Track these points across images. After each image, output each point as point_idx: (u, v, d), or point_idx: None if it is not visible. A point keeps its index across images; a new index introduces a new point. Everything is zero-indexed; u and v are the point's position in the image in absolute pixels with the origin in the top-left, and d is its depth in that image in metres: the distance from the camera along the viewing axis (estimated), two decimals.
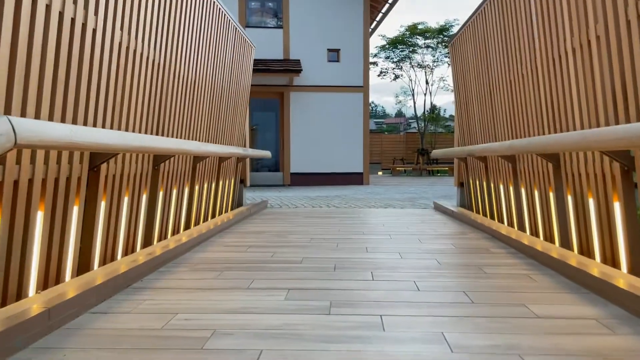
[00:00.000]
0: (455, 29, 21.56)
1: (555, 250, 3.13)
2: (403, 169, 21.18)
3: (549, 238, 3.77)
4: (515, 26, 4.16)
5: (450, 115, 38.77)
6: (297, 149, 13.07)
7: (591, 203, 3.09)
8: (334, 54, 13.21)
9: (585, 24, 3.03)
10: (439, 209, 6.76)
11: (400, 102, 26.41)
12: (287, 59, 12.94)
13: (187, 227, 4.49)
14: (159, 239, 3.90)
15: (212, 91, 5.05)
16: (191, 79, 4.41)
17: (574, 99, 3.22)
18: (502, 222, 4.89)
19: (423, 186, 12.99)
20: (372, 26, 17.66)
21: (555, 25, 3.41)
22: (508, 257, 3.35)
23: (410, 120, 44.66)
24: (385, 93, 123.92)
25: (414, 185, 13.49)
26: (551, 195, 3.67)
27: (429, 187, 12.65)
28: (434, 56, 21.94)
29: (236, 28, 5.83)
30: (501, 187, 4.83)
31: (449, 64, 22.30)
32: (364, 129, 13.24)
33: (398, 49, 21.87)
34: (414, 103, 23.33)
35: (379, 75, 22.78)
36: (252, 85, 12.85)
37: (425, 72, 22.01)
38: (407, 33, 21.52)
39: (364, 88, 13.24)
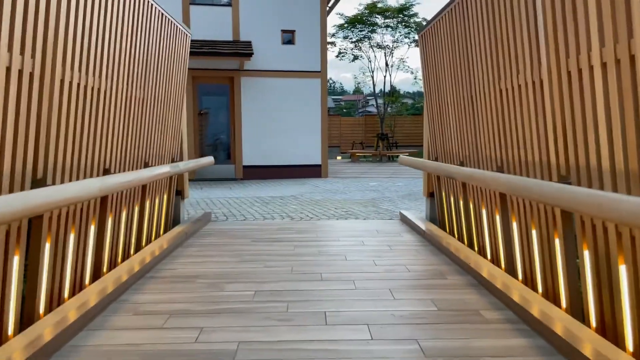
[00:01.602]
0: (415, 9, 20.75)
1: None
2: (363, 154, 20.47)
3: (552, 295, 3.02)
4: (512, 25, 3.32)
5: (407, 92, 38.16)
6: (250, 140, 12.06)
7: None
8: (289, 36, 12.17)
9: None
10: (406, 222, 5.98)
11: (359, 83, 25.55)
12: (237, 40, 11.81)
13: (96, 276, 3.52)
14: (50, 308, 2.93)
15: (126, 96, 4.03)
16: (95, 86, 3.39)
17: (599, 114, 2.43)
18: (484, 256, 4.14)
19: (384, 178, 12.26)
20: (330, 4, 16.61)
21: (574, 31, 2.58)
22: (514, 335, 2.57)
23: (368, 97, 43.93)
24: (343, 69, 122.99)
25: (375, 176, 12.76)
26: (557, 242, 2.91)
27: (390, 180, 11.93)
28: (393, 36, 21.11)
29: (164, 15, 4.78)
30: (484, 212, 4.05)
31: (409, 45, 21.54)
32: (322, 118, 12.33)
33: (357, 28, 20.91)
34: (374, 85, 22.50)
35: (337, 56, 21.82)
36: (198, 69, 11.71)
37: (385, 53, 21.19)
38: (367, 12, 20.56)
39: (321, 73, 12.28)
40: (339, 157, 22.70)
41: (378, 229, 5.58)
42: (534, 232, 3.19)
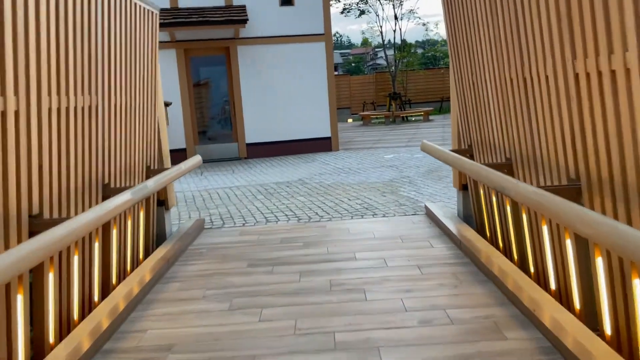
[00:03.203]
0: None
1: None
2: (375, 116, 19.29)
3: None
4: None
5: (417, 41, 36.25)
6: (252, 115, 11.02)
7: None
8: None
9: None
10: (434, 220, 5.01)
11: (367, 39, 24.08)
12: (229, 5, 10.60)
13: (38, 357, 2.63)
14: None
15: (70, 106, 3.05)
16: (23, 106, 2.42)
17: None
18: (547, 289, 3.17)
19: (401, 148, 11.20)
20: None
21: None
22: None
23: (377, 49, 42.04)
24: (350, 22, 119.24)
25: (390, 144, 11.70)
26: None
27: (408, 149, 10.87)
28: None
29: None
30: (545, 231, 3.06)
31: None
32: (329, 86, 11.20)
33: None
34: (383, 40, 21.06)
35: (342, 13, 20.36)
36: (189, 41, 10.58)
37: (394, 5, 19.67)
38: None
39: (325, 36, 11.07)
40: (349, 120, 21.58)
41: (402, 235, 4.62)
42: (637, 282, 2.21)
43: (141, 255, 4.34)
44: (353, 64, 49.75)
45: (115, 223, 3.69)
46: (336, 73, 35.63)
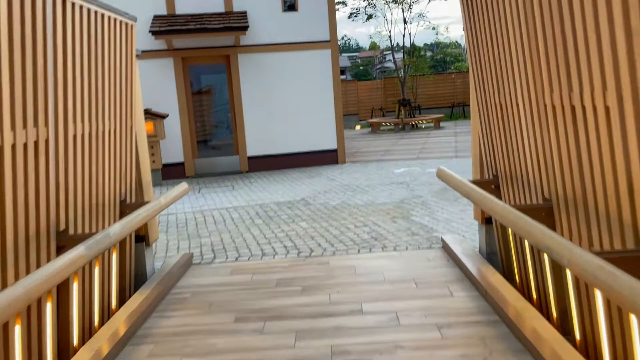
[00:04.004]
0: None
1: None
2: (383, 123, 18.65)
3: None
4: None
5: (426, 44, 35.43)
6: (254, 126, 10.44)
7: None
8: (290, 1, 10.33)
9: None
10: (453, 258, 4.38)
11: (376, 43, 23.47)
12: (229, 12, 10.04)
13: None
14: None
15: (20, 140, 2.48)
16: None
17: None
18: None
19: (411, 160, 10.57)
20: None
21: None
22: None
23: (385, 52, 41.34)
24: (358, 24, 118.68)
25: (400, 156, 11.07)
26: None
27: (419, 162, 10.23)
28: None
29: (91, 10, 3.16)
30: (600, 305, 2.44)
31: None
32: (335, 95, 10.60)
33: None
34: (392, 43, 20.43)
35: (349, 17, 19.77)
36: (187, 49, 10.03)
37: (403, 9, 19.05)
38: None
39: (331, 43, 10.47)
40: (357, 127, 20.97)
41: (416, 277, 3.99)
42: None
43: (114, 304, 3.76)
44: (361, 67, 49.17)
45: (75, 275, 3.10)
46: (343, 77, 35.07)
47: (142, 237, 4.30)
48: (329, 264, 4.52)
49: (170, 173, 10.10)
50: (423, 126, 18.64)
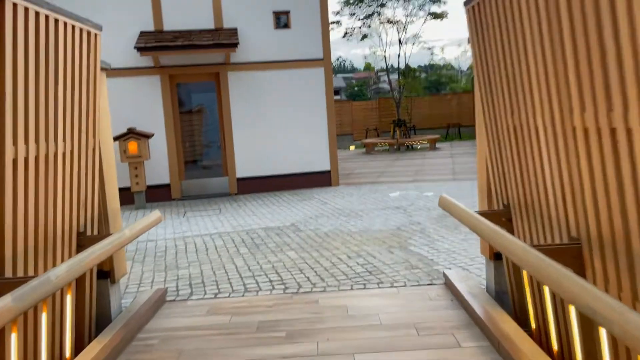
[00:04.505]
0: None
1: None
2: (378, 143, 18.27)
3: None
4: None
5: (419, 66, 35.26)
6: (243, 147, 9.99)
7: None
8: (283, 18, 9.99)
9: None
10: (458, 297, 3.91)
11: (370, 63, 23.24)
12: (219, 28, 9.67)
13: None
14: None
15: None
16: None
17: None
18: None
19: (408, 183, 10.13)
20: None
21: None
22: None
23: (380, 74, 41.29)
24: (353, 46, 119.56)
25: (395, 178, 10.63)
26: None
27: (415, 186, 9.79)
28: (406, 9, 18.74)
29: (50, 17, 2.72)
30: None
31: (425, 19, 19.12)
32: (329, 115, 10.20)
33: (365, 3, 18.54)
34: (387, 64, 20.17)
35: (343, 37, 19.53)
36: (175, 66, 9.63)
37: (398, 29, 18.83)
38: None
39: (324, 61, 10.10)
40: (352, 147, 20.57)
41: (417, 322, 3.50)
42: None
43: (69, 354, 3.24)
44: (356, 88, 49.11)
45: (14, 325, 2.60)
46: (338, 97, 34.81)
47: (106, 272, 3.80)
48: (319, 303, 4.02)
49: (155, 195, 9.60)
50: (418, 147, 18.27)
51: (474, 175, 10.56)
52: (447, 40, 60.66)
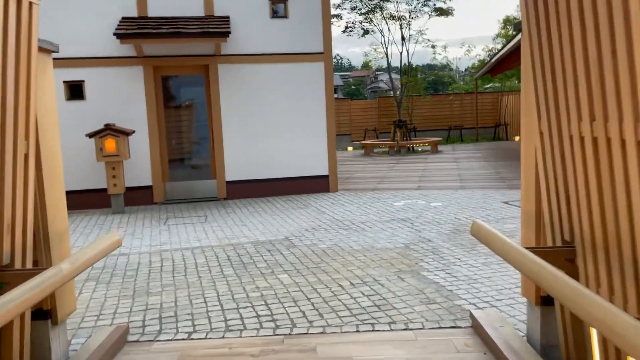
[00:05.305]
0: None
1: None
2: (378, 145, 17.44)
3: None
4: None
5: (419, 65, 34.43)
6: (234, 147, 9.15)
7: None
8: (280, 7, 9.14)
9: None
10: (493, 350, 3.09)
11: (370, 61, 22.46)
12: (209, 16, 8.81)
13: None
14: None
15: None
16: None
17: None
18: None
19: (412, 190, 9.31)
20: None
21: None
22: None
23: (378, 72, 40.42)
24: (352, 43, 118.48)
25: (398, 185, 9.82)
26: None
27: (421, 193, 8.98)
28: (410, 5, 17.90)
29: None
30: None
31: (429, 15, 18.29)
32: (328, 114, 9.36)
33: None
34: (388, 61, 19.35)
35: (344, 31, 18.69)
36: (161, 56, 8.77)
37: (401, 25, 18.00)
38: None
39: (324, 55, 9.27)
40: (350, 148, 19.75)
41: None
42: None
43: None
44: (353, 87, 48.27)
45: None
46: (335, 96, 34.02)
47: (45, 312, 2.96)
48: (316, 352, 3.20)
49: (135, 198, 8.75)
50: (420, 149, 17.47)
51: (483, 184, 9.77)
52: (446, 41, 59.89)
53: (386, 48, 18.49)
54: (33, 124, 2.72)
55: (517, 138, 19.89)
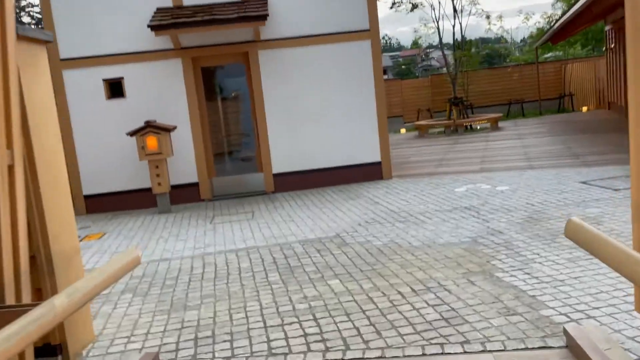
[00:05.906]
0: None
1: None
2: (433, 125, 16.51)
3: None
4: None
5: (473, 39, 32.67)
6: (279, 138, 8.65)
7: None
8: None
9: None
10: None
11: (420, 38, 21.41)
12: (246, 0, 8.30)
13: None
14: None
15: None
16: None
17: None
18: None
19: (475, 173, 8.51)
20: None
21: None
22: None
23: (428, 50, 38.82)
24: (400, 23, 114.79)
25: (458, 167, 9.03)
26: None
27: (484, 176, 8.18)
28: None
29: None
30: None
31: None
32: (378, 96, 8.68)
33: None
34: (440, 37, 18.28)
35: (391, 7, 17.77)
36: (198, 47, 8.36)
37: None
38: None
39: (371, 32, 8.57)
40: (402, 130, 18.90)
41: None
42: None
43: None
44: (403, 67, 46.83)
45: None
46: (385, 77, 33.00)
47: (54, 347, 2.54)
48: None
49: (182, 196, 8.44)
50: (478, 127, 16.42)
51: (554, 162, 8.82)
52: (502, 11, 57.03)
53: (437, 22, 17.43)
54: (17, 127, 2.27)
55: (584, 108, 18.39)
